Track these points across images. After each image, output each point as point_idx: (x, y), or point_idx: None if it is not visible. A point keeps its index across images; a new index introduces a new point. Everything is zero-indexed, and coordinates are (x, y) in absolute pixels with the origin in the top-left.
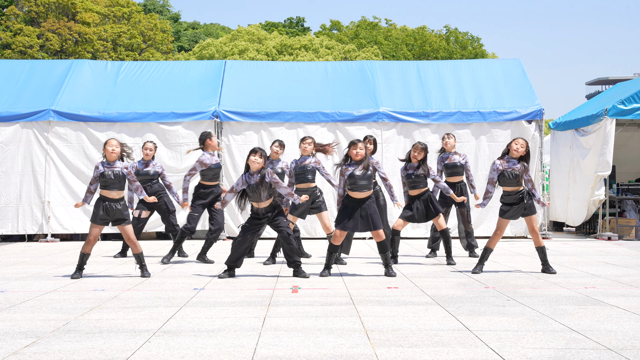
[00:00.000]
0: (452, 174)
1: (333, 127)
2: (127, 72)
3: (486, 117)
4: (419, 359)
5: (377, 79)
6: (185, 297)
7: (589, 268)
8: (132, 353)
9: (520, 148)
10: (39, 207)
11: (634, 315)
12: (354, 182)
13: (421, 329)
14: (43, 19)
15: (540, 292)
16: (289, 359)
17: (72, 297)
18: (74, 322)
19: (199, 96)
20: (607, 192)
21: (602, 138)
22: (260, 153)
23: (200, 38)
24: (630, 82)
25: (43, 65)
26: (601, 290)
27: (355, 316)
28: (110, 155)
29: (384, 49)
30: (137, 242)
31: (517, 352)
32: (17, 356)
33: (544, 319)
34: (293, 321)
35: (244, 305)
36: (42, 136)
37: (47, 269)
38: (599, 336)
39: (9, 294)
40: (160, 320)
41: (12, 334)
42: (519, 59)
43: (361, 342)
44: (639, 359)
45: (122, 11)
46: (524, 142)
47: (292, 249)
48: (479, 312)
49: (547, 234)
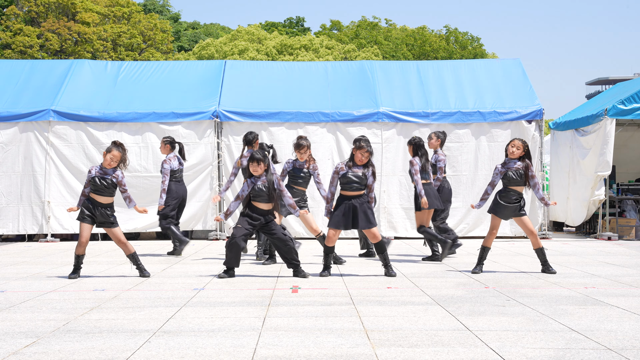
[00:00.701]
0: None
1: (333, 127)
2: (127, 72)
3: (486, 117)
4: (419, 359)
5: (377, 79)
6: (185, 297)
7: (589, 268)
8: (132, 353)
9: (516, 150)
10: (39, 207)
11: (634, 315)
12: (347, 181)
13: (421, 329)
14: (43, 19)
15: (540, 292)
16: (289, 359)
17: (72, 297)
18: (74, 322)
19: (199, 96)
20: (607, 192)
21: (602, 138)
22: (257, 161)
23: (200, 38)
24: (630, 82)
25: (43, 65)
26: (601, 290)
27: (355, 316)
28: (108, 164)
29: (384, 49)
30: (128, 243)
31: (517, 352)
32: (17, 356)
33: (544, 319)
34: (293, 321)
35: (244, 305)
36: (42, 136)
37: (47, 269)
38: (599, 336)
39: (9, 294)
40: (160, 320)
41: (12, 334)
42: (519, 58)
43: (361, 342)
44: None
45: (122, 11)
46: (520, 142)
47: (290, 250)
48: (479, 312)
49: (547, 234)
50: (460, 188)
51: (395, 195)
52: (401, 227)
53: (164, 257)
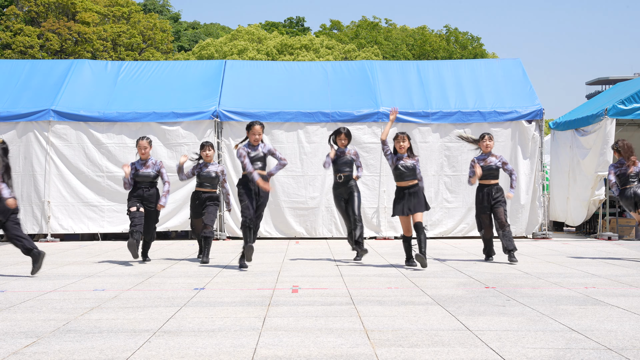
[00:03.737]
0: None
1: (333, 127)
2: (127, 72)
3: (486, 117)
4: (419, 359)
5: (377, 78)
6: (186, 297)
7: (589, 268)
8: (132, 353)
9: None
10: (39, 207)
11: (634, 315)
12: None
13: (421, 329)
14: (43, 19)
15: (540, 292)
16: (289, 358)
17: (72, 297)
18: (74, 322)
19: (199, 96)
20: (607, 192)
21: (602, 138)
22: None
23: (200, 38)
24: (630, 82)
25: (43, 65)
26: (601, 290)
27: (355, 316)
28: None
29: (384, 49)
30: None
31: (517, 352)
32: (17, 356)
33: (544, 319)
34: (293, 321)
35: (244, 305)
36: (42, 136)
37: (47, 269)
38: (599, 336)
39: (9, 294)
40: (160, 320)
41: (12, 334)
42: (519, 58)
43: (361, 342)
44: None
45: (122, 11)
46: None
47: None
48: (479, 312)
49: (547, 234)
50: (460, 188)
51: None
52: (400, 227)
53: (165, 256)
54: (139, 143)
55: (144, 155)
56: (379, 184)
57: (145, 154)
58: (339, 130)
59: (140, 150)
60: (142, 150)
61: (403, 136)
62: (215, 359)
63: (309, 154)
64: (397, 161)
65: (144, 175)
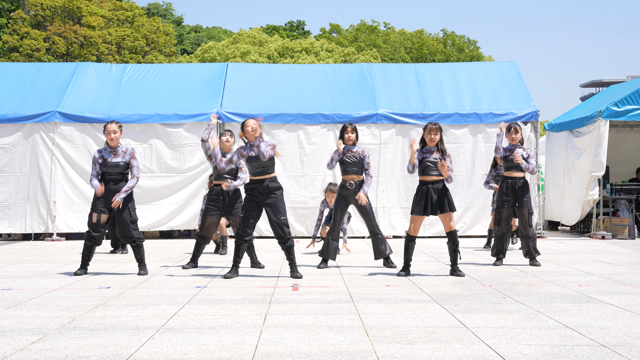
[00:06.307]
0: None
1: (333, 128)
2: (131, 75)
3: (482, 119)
4: (417, 356)
5: (376, 81)
6: (188, 295)
7: (583, 266)
8: (135, 349)
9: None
10: (45, 206)
11: (627, 313)
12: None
13: (419, 326)
14: (49, 23)
15: (535, 290)
16: (289, 355)
17: (77, 295)
18: (79, 319)
19: (202, 98)
20: (601, 192)
21: (596, 139)
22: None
23: (202, 41)
24: (624, 85)
25: (49, 68)
26: (595, 288)
27: (354, 313)
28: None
29: (383, 52)
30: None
31: (513, 348)
32: (23, 352)
33: (539, 316)
34: (294, 318)
35: (245, 303)
36: (48, 137)
37: (52, 267)
38: (593, 333)
39: (16, 292)
40: (163, 317)
41: (19, 331)
42: (515, 61)
43: (360, 339)
44: (632, 355)
45: (126, 15)
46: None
47: None
48: (476, 309)
49: (542, 233)
50: (458, 188)
51: (393, 195)
52: (400, 227)
53: (168, 255)
54: (107, 127)
55: (113, 142)
56: (377, 184)
57: (115, 140)
58: (345, 125)
59: (108, 136)
60: (110, 136)
61: (435, 128)
62: (217, 356)
63: (309, 154)
64: (424, 154)
65: (112, 165)
